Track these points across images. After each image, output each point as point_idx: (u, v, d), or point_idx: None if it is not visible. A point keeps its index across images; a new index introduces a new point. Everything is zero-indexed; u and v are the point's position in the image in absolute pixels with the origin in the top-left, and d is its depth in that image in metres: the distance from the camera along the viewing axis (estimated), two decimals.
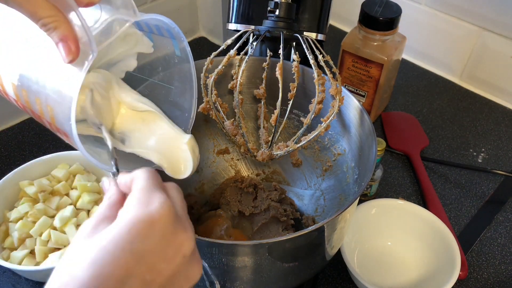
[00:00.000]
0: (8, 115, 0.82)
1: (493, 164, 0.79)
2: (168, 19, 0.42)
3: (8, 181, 0.64)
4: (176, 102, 0.49)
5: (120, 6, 0.38)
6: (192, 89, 0.48)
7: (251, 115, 0.65)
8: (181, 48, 0.46)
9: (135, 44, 0.46)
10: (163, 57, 0.48)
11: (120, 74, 0.47)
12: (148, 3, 0.91)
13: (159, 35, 0.45)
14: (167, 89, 0.49)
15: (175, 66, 0.47)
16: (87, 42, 0.35)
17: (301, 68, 0.59)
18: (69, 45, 0.34)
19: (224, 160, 0.69)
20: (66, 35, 0.34)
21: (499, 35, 0.85)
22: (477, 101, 0.91)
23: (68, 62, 0.35)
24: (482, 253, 0.66)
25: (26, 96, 0.40)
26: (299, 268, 0.50)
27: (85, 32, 0.35)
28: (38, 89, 0.39)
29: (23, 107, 0.42)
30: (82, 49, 0.35)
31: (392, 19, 0.72)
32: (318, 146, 0.64)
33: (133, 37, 0.45)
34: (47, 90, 0.38)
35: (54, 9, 0.34)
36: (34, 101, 0.40)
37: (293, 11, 0.60)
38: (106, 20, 0.37)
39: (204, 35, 1.07)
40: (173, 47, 0.46)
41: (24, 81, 0.40)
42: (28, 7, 0.33)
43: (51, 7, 0.34)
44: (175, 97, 0.49)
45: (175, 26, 0.42)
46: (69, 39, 0.34)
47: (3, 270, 0.63)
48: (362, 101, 0.81)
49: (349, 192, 0.58)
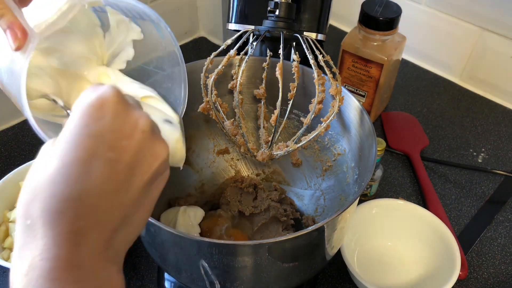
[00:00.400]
0: (8, 115, 0.82)
1: (493, 164, 0.79)
2: (135, 1, 0.42)
3: (8, 181, 0.64)
4: (170, 89, 0.50)
5: None
6: (181, 73, 0.48)
7: (251, 115, 0.65)
8: (162, 31, 0.46)
9: (127, 31, 0.46)
10: (150, 41, 0.48)
11: (122, 64, 0.48)
12: (148, 3, 0.91)
13: (141, 20, 0.46)
14: (161, 76, 0.49)
15: (163, 49, 0.48)
16: (28, 28, 0.36)
17: (301, 68, 0.59)
18: (15, 31, 0.35)
19: (224, 160, 0.69)
20: (12, 22, 0.35)
21: (499, 35, 0.85)
22: (477, 101, 0.91)
23: (15, 49, 0.36)
24: (482, 253, 0.66)
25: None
26: (299, 268, 0.50)
27: (24, 19, 0.36)
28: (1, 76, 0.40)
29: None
30: (31, 36, 0.36)
31: (392, 19, 0.72)
32: (318, 146, 0.64)
33: (124, 24, 0.46)
34: (9, 76, 0.39)
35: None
36: (2, 87, 0.41)
37: (293, 11, 0.60)
38: (61, 9, 0.38)
39: (204, 35, 1.07)
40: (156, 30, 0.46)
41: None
42: None
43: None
44: (168, 84, 0.49)
45: (144, 6, 0.43)
46: (15, 25, 0.35)
47: (3, 270, 0.63)
48: (362, 101, 0.81)
49: (349, 192, 0.58)
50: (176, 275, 0.52)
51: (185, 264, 0.49)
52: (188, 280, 0.50)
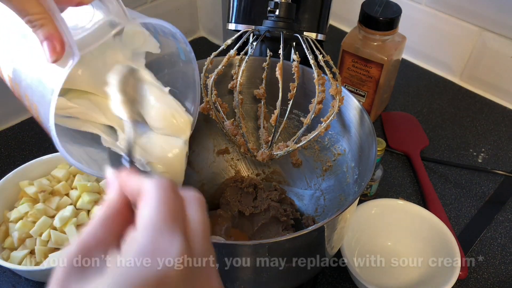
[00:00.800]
0: (8, 115, 0.82)
1: (493, 164, 0.79)
2: (169, 23, 0.42)
3: (8, 181, 0.64)
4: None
5: (113, 9, 0.38)
6: (195, 93, 0.48)
7: (251, 115, 0.65)
8: (185, 53, 0.46)
9: (143, 42, 0.46)
10: (169, 58, 0.48)
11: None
12: (148, 3, 0.91)
13: (164, 37, 0.46)
14: (173, 92, 0.49)
15: (179, 68, 0.48)
16: (72, 44, 0.35)
17: (301, 68, 0.59)
18: (54, 44, 0.34)
19: (224, 160, 0.69)
20: (51, 33, 0.34)
21: (499, 35, 0.85)
22: (477, 101, 0.91)
23: (51, 62, 0.34)
24: (482, 253, 0.66)
25: (18, 90, 0.40)
26: (299, 268, 0.50)
27: (69, 34, 0.35)
28: (26, 85, 0.39)
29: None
30: (68, 51, 0.35)
31: (392, 19, 0.72)
32: (318, 146, 0.64)
33: (141, 35, 0.45)
34: (33, 88, 0.38)
35: (41, 7, 0.34)
36: (24, 96, 0.40)
37: (293, 11, 0.60)
38: (98, 22, 0.37)
39: (204, 35, 1.07)
40: (177, 49, 0.46)
41: (16, 75, 0.40)
42: (15, 3, 0.33)
43: (39, 5, 0.34)
44: (177, 98, 0.49)
45: (177, 31, 0.42)
46: (54, 38, 0.34)
47: (3, 270, 0.63)
48: (362, 101, 0.81)
49: (349, 192, 0.58)
50: None
51: None
52: None
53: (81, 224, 0.62)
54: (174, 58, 0.47)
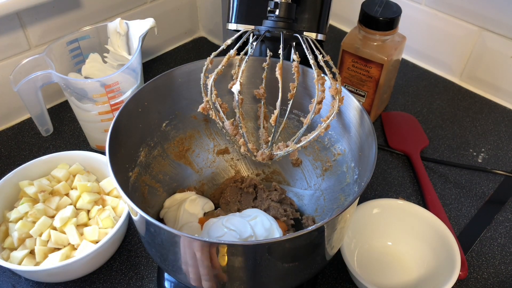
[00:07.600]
0: (8, 115, 0.82)
1: (493, 164, 0.79)
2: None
3: (8, 181, 0.64)
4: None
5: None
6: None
7: (251, 115, 0.65)
8: None
9: None
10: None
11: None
12: (148, 3, 0.91)
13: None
14: None
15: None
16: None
17: (301, 68, 0.59)
18: None
19: (224, 160, 0.69)
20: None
21: (499, 35, 0.85)
22: (477, 101, 0.91)
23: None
24: (482, 253, 0.66)
25: None
26: (299, 268, 0.50)
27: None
28: None
29: None
30: None
31: (392, 19, 0.72)
32: (318, 146, 0.64)
33: None
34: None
35: None
36: None
37: (293, 11, 0.60)
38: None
39: (204, 35, 1.07)
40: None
41: None
42: None
43: None
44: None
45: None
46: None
47: (3, 270, 0.63)
48: (362, 101, 0.81)
49: (349, 192, 0.58)
50: (176, 275, 0.52)
51: (185, 264, 0.49)
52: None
53: (81, 224, 0.62)
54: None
